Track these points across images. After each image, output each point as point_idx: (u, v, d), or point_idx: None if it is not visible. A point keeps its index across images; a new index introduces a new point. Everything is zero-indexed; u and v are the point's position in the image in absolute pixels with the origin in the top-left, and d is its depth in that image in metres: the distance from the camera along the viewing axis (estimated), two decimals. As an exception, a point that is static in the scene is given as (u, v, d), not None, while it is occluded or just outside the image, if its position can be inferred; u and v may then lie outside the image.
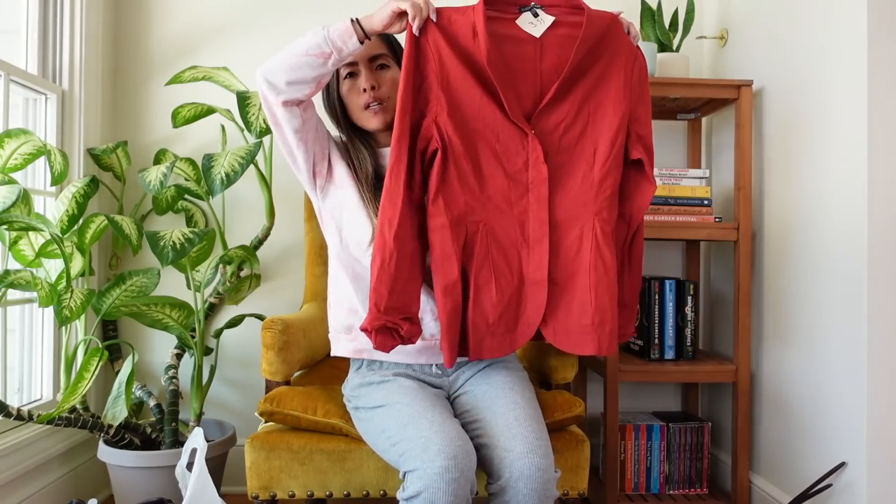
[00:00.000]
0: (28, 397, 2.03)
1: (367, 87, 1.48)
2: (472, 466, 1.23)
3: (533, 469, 1.25)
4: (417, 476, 1.20)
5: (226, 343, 2.30)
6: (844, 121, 1.67)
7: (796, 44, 1.88)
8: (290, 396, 1.52)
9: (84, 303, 1.78)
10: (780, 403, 1.94)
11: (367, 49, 1.46)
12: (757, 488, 2.03)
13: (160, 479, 1.89)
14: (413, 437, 1.24)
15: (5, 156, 1.78)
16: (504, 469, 1.26)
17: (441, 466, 1.18)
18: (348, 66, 1.49)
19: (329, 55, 1.33)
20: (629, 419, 2.14)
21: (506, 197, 1.38)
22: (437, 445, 1.20)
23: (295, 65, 1.33)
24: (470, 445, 1.25)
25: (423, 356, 1.47)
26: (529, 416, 1.34)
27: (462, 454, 1.21)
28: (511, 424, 1.31)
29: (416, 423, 1.27)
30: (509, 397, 1.38)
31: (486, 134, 1.36)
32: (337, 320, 1.53)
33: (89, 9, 2.13)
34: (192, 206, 2.24)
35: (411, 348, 1.44)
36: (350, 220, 1.48)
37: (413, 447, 1.23)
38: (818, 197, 1.77)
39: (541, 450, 1.27)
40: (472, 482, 1.23)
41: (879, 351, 1.58)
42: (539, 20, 1.38)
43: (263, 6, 2.34)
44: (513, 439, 1.28)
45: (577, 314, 1.35)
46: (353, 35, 1.32)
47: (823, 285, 1.75)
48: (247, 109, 1.89)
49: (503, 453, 1.27)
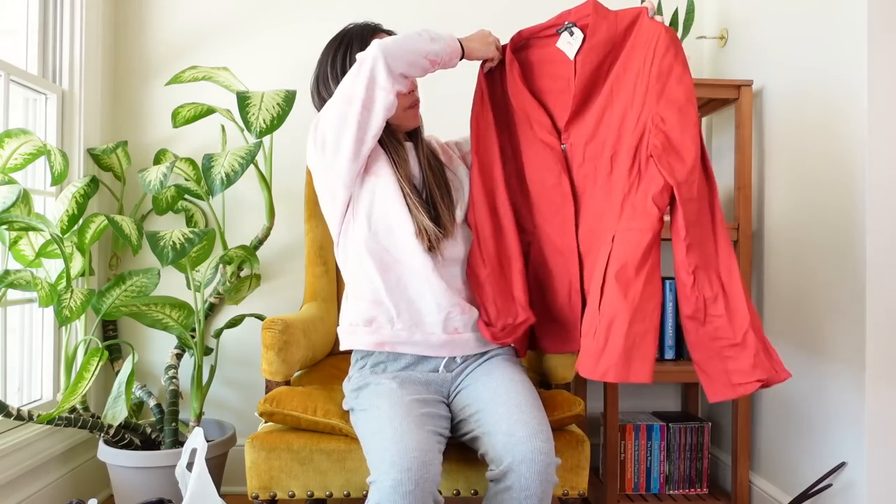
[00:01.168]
0: (28, 397, 2.03)
1: (412, 89, 1.53)
2: (432, 479, 1.20)
3: (535, 452, 1.26)
4: (376, 488, 1.20)
5: (226, 343, 2.30)
6: (844, 121, 1.67)
7: (796, 44, 1.88)
8: (290, 396, 1.52)
9: (84, 303, 1.78)
10: (780, 403, 1.94)
11: None
12: (757, 488, 2.03)
13: (160, 479, 1.89)
14: (377, 446, 1.25)
15: (5, 156, 1.78)
16: (507, 453, 1.27)
17: (394, 479, 1.17)
18: None
19: (437, 64, 1.42)
20: (629, 419, 2.14)
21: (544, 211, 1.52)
22: (392, 457, 1.20)
23: (413, 61, 1.38)
24: (430, 457, 1.22)
25: (446, 349, 1.47)
26: (531, 404, 1.35)
27: (417, 465, 1.19)
28: (512, 411, 1.32)
29: (382, 431, 1.27)
30: (510, 387, 1.38)
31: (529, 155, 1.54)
32: (356, 312, 1.48)
33: (89, 9, 2.13)
34: (192, 206, 2.24)
35: (436, 341, 1.45)
36: (384, 208, 1.46)
37: (375, 457, 1.24)
38: (818, 197, 1.77)
39: (543, 434, 1.29)
40: (433, 494, 1.21)
41: (879, 351, 1.58)
42: (574, 38, 1.43)
43: (263, 6, 2.34)
44: (515, 424, 1.29)
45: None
46: (459, 56, 1.44)
47: (823, 285, 1.75)
48: (247, 109, 1.89)
49: (506, 438, 1.28)
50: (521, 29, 1.54)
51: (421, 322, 1.46)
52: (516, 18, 2.36)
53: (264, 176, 2.09)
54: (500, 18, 2.35)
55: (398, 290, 1.45)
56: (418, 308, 1.46)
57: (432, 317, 1.45)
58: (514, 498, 1.26)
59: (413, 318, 1.46)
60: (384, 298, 1.45)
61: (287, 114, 1.89)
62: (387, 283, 1.45)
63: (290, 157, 2.28)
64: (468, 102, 1.59)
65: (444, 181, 1.55)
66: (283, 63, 2.33)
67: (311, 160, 1.50)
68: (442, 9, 2.35)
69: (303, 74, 2.31)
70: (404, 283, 1.46)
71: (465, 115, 1.60)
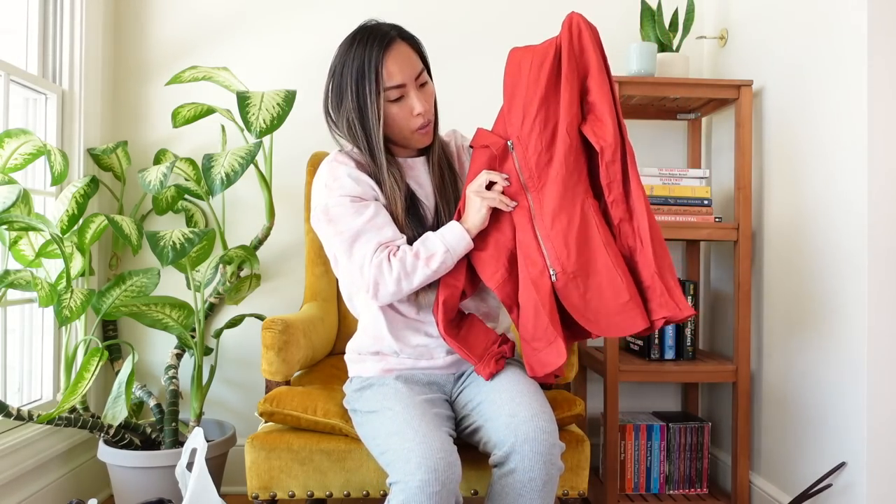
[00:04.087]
0: (28, 397, 2.03)
1: (421, 111, 1.41)
2: (456, 479, 1.22)
3: (539, 431, 1.26)
4: (399, 489, 1.20)
5: (226, 343, 2.30)
6: (844, 120, 1.67)
7: (796, 44, 1.88)
8: (289, 397, 1.52)
9: (84, 303, 1.78)
10: (780, 403, 1.94)
11: (413, 69, 1.41)
12: (757, 488, 2.03)
13: (160, 479, 1.89)
14: (397, 447, 1.24)
15: (5, 156, 1.78)
16: (510, 434, 1.27)
17: (421, 480, 1.18)
18: (397, 89, 1.39)
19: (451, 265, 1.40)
20: (629, 419, 2.14)
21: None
22: (418, 458, 1.20)
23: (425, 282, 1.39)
24: (454, 457, 1.23)
25: (453, 367, 1.49)
26: (532, 392, 1.36)
27: (444, 466, 1.20)
28: (515, 396, 1.33)
29: (401, 432, 1.26)
30: (512, 377, 1.39)
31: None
32: (363, 345, 1.51)
33: (89, 9, 2.13)
34: (192, 206, 2.24)
35: (441, 363, 1.47)
36: None
37: (397, 458, 1.23)
38: (818, 196, 1.77)
39: (545, 415, 1.29)
40: (455, 494, 1.22)
41: (879, 351, 1.58)
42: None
43: (263, 6, 2.34)
44: (517, 406, 1.30)
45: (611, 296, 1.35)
46: (468, 241, 1.39)
47: (823, 285, 1.75)
48: (247, 109, 1.89)
49: (508, 419, 1.28)
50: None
51: (425, 352, 1.48)
52: (515, 19, 2.37)
53: (264, 176, 2.09)
54: (500, 20, 2.36)
55: (398, 329, 1.47)
56: (420, 341, 1.47)
57: (438, 350, 1.47)
58: (518, 481, 1.26)
59: (417, 350, 1.48)
60: (385, 335, 1.47)
61: (287, 114, 1.89)
62: (388, 322, 1.47)
63: (290, 157, 2.28)
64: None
65: (455, 196, 1.51)
66: (283, 63, 2.33)
67: (315, 224, 1.47)
68: (440, 9, 2.35)
69: (303, 74, 2.32)
70: (402, 320, 1.47)
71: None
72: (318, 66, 2.31)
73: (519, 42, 2.34)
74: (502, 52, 2.34)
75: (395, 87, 1.39)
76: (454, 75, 2.32)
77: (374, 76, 1.37)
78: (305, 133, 2.28)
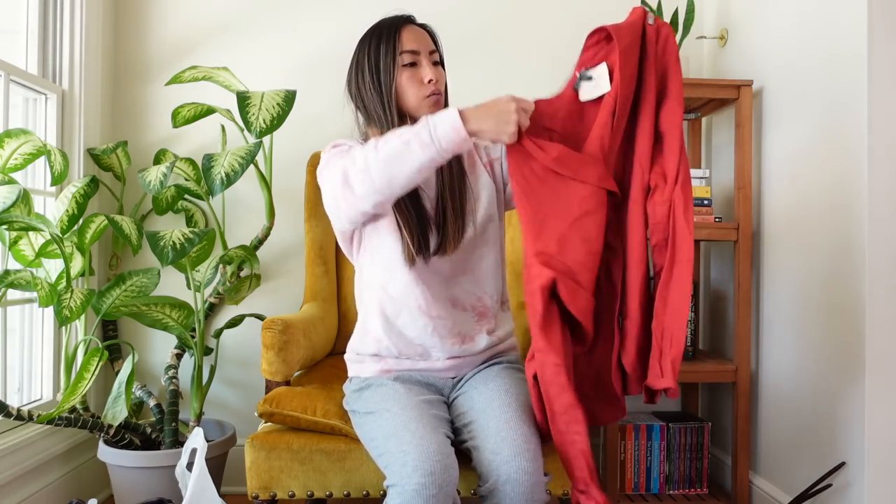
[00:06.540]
0: (28, 397, 2.03)
1: (433, 78, 1.44)
2: (453, 481, 1.22)
3: (519, 472, 1.25)
4: (396, 492, 1.20)
5: (226, 343, 2.30)
6: (844, 120, 1.67)
7: (796, 44, 1.88)
8: (289, 397, 1.52)
9: (84, 303, 1.78)
10: (780, 403, 1.94)
11: (427, 45, 1.46)
12: (757, 488, 2.03)
13: (160, 479, 1.89)
14: (394, 450, 1.24)
15: (5, 156, 1.78)
16: (492, 472, 1.27)
17: (418, 483, 1.17)
18: (410, 54, 1.44)
19: (441, 162, 1.28)
20: (629, 419, 2.14)
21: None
22: (415, 461, 1.19)
23: (407, 184, 1.29)
24: (451, 460, 1.23)
25: (452, 371, 1.49)
26: (520, 418, 1.32)
27: (440, 469, 1.19)
28: (501, 427, 1.30)
29: (398, 434, 1.26)
30: (503, 400, 1.37)
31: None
32: (363, 345, 1.51)
33: (89, 9, 2.13)
34: (192, 206, 2.24)
35: (441, 366, 1.47)
36: (378, 239, 1.45)
37: (394, 461, 1.23)
38: (818, 196, 1.77)
39: (528, 453, 1.27)
40: (452, 497, 1.22)
41: (879, 351, 1.58)
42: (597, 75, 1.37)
43: (263, 6, 2.34)
44: (501, 442, 1.28)
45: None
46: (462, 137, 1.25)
47: (823, 285, 1.75)
48: (247, 109, 1.89)
49: (491, 456, 1.28)
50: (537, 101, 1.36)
51: (425, 353, 1.47)
52: (515, 19, 2.37)
53: (264, 176, 2.10)
54: (500, 20, 2.36)
55: (398, 330, 1.46)
56: (421, 343, 1.47)
57: (436, 350, 1.47)
58: None
59: (416, 351, 1.47)
60: (383, 337, 1.47)
61: (287, 114, 1.89)
62: (387, 324, 1.46)
63: (290, 157, 2.28)
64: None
65: (460, 190, 1.48)
66: (283, 63, 2.33)
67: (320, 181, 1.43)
68: (440, 9, 2.35)
69: (303, 74, 2.32)
70: (402, 323, 1.46)
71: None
72: (318, 67, 2.32)
73: (519, 42, 2.35)
74: (503, 53, 2.34)
75: (409, 51, 1.44)
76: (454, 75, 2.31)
77: (391, 41, 1.44)
78: (305, 133, 2.28)
